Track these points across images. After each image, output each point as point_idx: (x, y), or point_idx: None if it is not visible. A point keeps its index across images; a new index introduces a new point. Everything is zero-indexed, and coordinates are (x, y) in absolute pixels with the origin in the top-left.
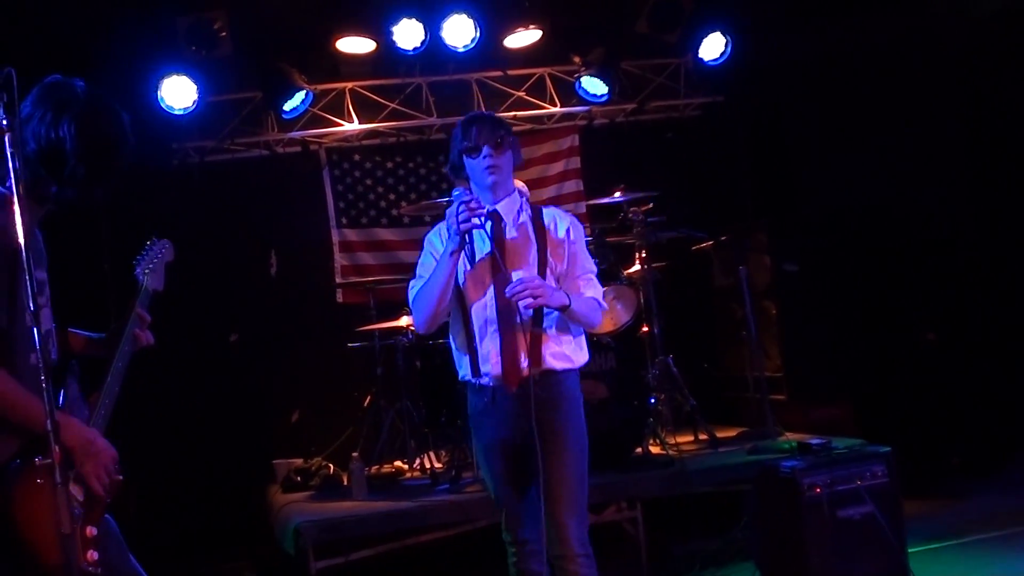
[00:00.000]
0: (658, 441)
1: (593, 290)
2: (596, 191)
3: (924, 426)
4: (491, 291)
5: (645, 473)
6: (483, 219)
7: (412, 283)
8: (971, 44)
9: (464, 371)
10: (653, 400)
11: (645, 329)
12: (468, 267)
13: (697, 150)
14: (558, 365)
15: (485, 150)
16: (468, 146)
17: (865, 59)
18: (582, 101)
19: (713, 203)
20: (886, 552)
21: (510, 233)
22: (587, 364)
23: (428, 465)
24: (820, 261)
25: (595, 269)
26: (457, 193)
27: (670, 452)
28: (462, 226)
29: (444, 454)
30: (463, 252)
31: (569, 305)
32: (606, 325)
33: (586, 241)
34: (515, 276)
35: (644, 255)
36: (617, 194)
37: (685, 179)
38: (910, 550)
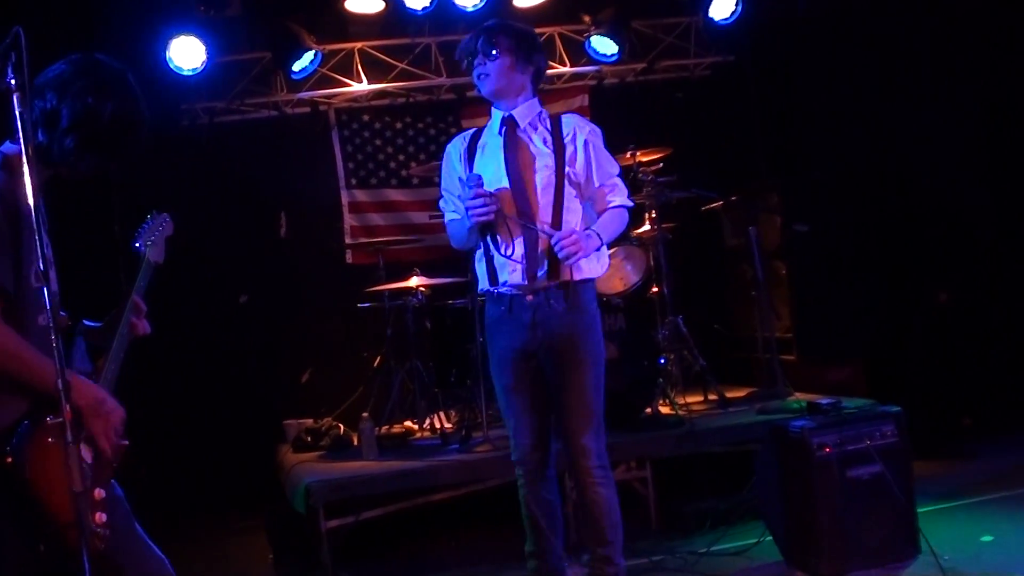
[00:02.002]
0: (668, 401)
1: (619, 195)
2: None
3: (934, 386)
4: (506, 199)
5: (655, 433)
6: (494, 214)
7: (441, 202)
8: (987, 2)
9: (483, 281)
10: (663, 360)
11: (655, 289)
12: (487, 178)
13: (707, 110)
14: (576, 276)
15: (477, 59)
16: (464, 54)
17: (878, 18)
18: (592, 61)
19: (723, 163)
20: (895, 512)
21: (525, 139)
22: (605, 270)
23: (438, 425)
24: (831, 221)
25: (617, 170)
26: (469, 176)
27: (680, 412)
28: (475, 220)
29: (454, 414)
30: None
31: (602, 243)
32: (616, 285)
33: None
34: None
35: (654, 215)
36: (627, 154)
37: (695, 139)
38: (919, 510)
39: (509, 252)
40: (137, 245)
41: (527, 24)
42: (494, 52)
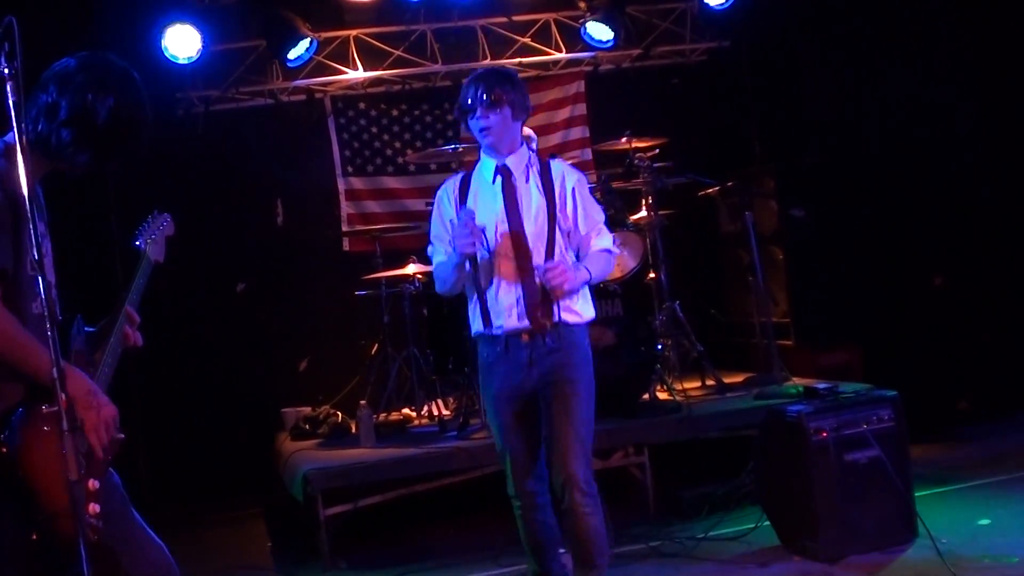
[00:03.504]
0: (665, 387)
1: (604, 240)
2: (602, 137)
3: (931, 371)
4: (503, 246)
5: (652, 418)
6: (483, 244)
7: (429, 248)
8: None
9: (476, 324)
10: (660, 346)
11: (652, 275)
12: (481, 225)
13: (703, 96)
14: (570, 319)
15: (478, 112)
16: (464, 109)
17: (873, 2)
18: (587, 47)
19: (719, 149)
20: (893, 496)
21: (520, 188)
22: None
23: (436, 412)
24: (827, 206)
25: (603, 217)
26: (462, 212)
27: (677, 398)
28: (463, 250)
29: (452, 401)
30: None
31: (590, 279)
32: (613, 272)
33: (591, 189)
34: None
35: (651, 201)
36: (623, 140)
37: (691, 125)
38: (917, 494)
39: (501, 301)
40: (138, 243)
41: (526, 11)
42: (496, 103)
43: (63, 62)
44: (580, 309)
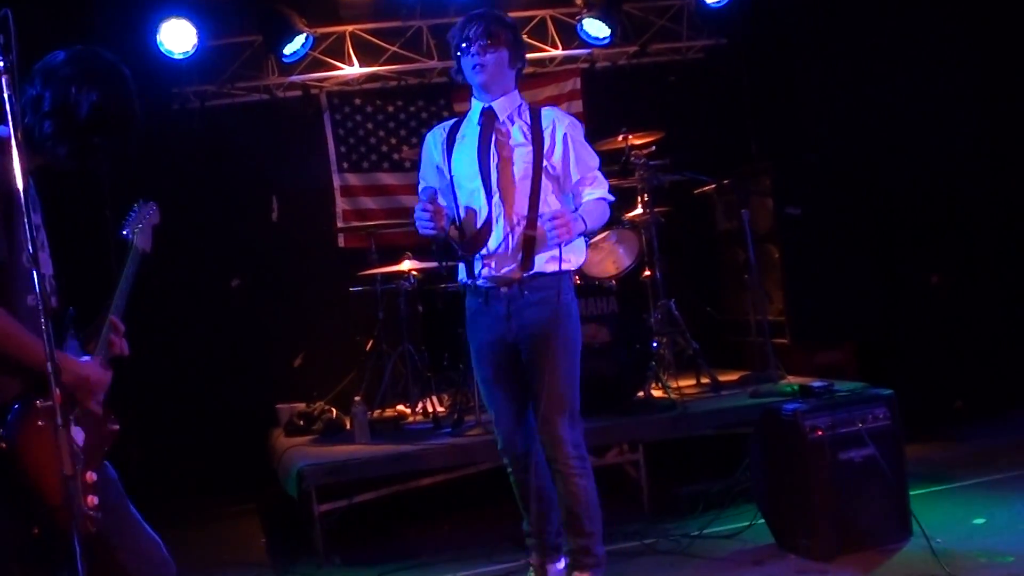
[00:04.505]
0: (660, 385)
1: (599, 188)
2: (598, 135)
3: (927, 369)
4: (483, 192)
5: (647, 416)
6: (437, 231)
7: (420, 189)
8: None
9: (462, 273)
10: (655, 344)
11: (647, 273)
12: (465, 171)
13: (700, 93)
14: (549, 268)
15: (475, 48)
16: (460, 43)
17: (871, 0)
18: (584, 44)
19: (716, 146)
20: (888, 494)
21: (503, 134)
22: (581, 264)
23: (430, 409)
24: (823, 204)
25: (597, 163)
26: (422, 188)
27: (672, 395)
28: (423, 232)
29: (446, 398)
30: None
31: (586, 228)
32: (608, 269)
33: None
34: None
35: (646, 199)
36: (619, 138)
37: (688, 122)
38: (912, 492)
39: (482, 248)
40: (124, 233)
41: (522, 7)
42: (494, 43)
43: (52, 55)
44: (564, 256)
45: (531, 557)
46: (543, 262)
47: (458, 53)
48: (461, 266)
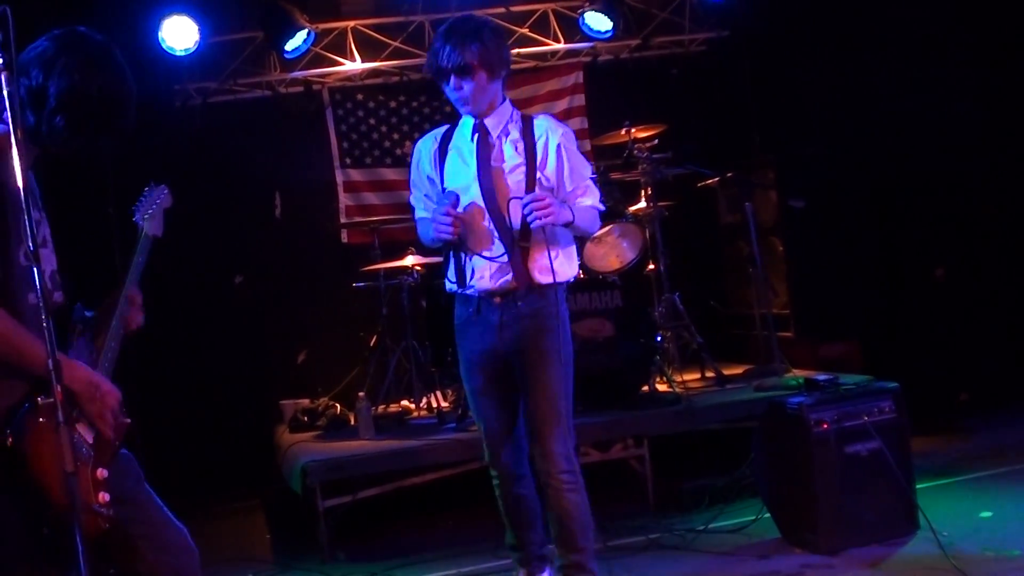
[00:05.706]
0: (665, 378)
1: (591, 197)
2: (601, 128)
3: (932, 362)
4: (477, 206)
5: (652, 410)
6: (453, 236)
7: (411, 198)
8: None
9: (452, 282)
10: (659, 338)
11: (651, 267)
12: (457, 184)
13: (703, 86)
14: (543, 280)
15: (452, 82)
16: (436, 77)
17: None
18: (586, 37)
19: (719, 139)
20: (894, 488)
21: (496, 148)
22: (575, 276)
23: (434, 404)
24: (827, 197)
25: (590, 173)
26: (414, 196)
27: (677, 389)
28: (441, 237)
29: (450, 393)
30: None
31: (572, 221)
32: (612, 263)
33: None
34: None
35: (650, 192)
36: (622, 131)
37: (691, 116)
38: (918, 486)
39: (474, 261)
40: (135, 219)
41: (524, 1)
42: (467, 70)
43: (39, 44)
44: (558, 268)
45: (518, 573)
46: (536, 273)
47: (439, 80)
48: (450, 274)
